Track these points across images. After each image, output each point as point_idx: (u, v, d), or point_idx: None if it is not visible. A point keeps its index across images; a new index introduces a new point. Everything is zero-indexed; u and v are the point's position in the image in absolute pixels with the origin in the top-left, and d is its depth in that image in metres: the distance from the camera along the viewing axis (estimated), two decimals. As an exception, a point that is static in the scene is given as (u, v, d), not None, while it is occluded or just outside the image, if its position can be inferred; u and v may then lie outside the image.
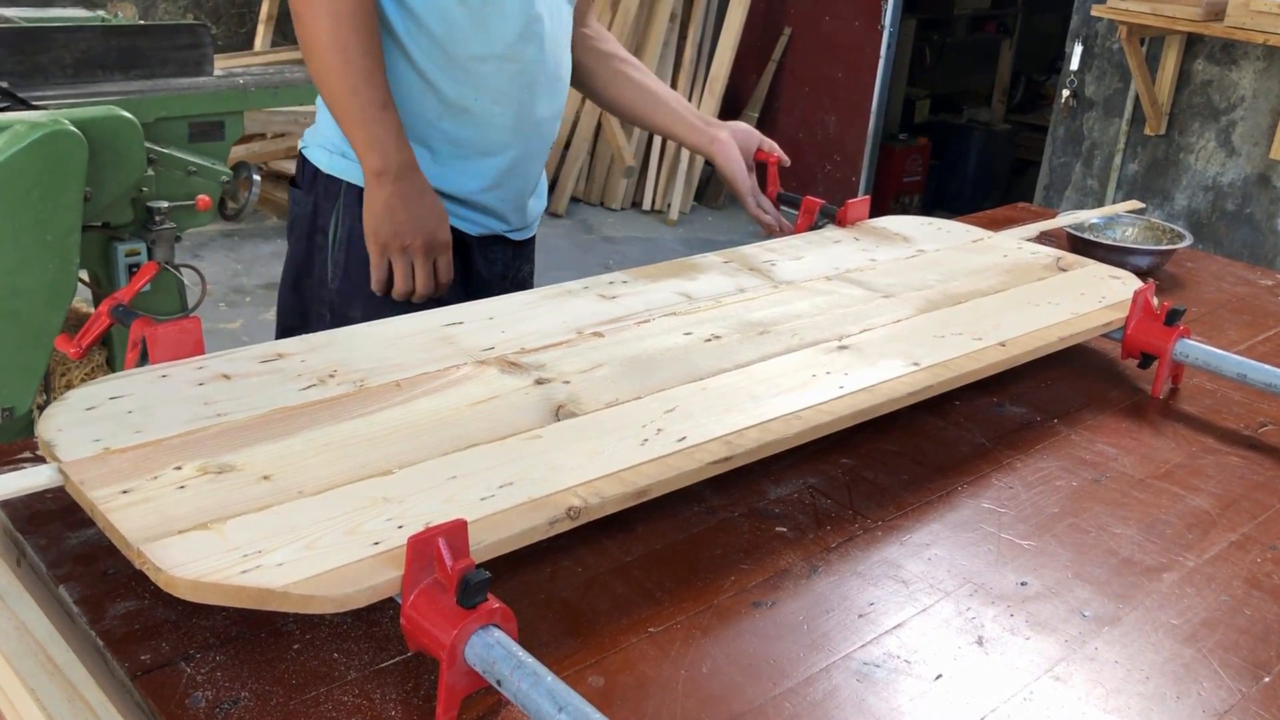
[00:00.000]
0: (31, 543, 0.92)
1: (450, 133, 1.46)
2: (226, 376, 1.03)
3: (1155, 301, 1.37)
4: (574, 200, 5.83)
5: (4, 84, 2.42)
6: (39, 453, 0.92)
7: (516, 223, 1.59)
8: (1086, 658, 0.88)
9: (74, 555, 0.91)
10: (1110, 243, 1.81)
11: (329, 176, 1.50)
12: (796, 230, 1.67)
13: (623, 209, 5.85)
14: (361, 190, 1.42)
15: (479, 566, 0.75)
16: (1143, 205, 2.07)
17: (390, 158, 1.35)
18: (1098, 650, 0.89)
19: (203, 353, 1.07)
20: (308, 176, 1.54)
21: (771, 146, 1.72)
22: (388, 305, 1.41)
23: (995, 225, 1.82)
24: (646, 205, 5.87)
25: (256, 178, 2.67)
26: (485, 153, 1.49)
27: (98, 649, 0.81)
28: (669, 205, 5.80)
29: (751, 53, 6.00)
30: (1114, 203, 4.29)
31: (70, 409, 0.95)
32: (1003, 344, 1.26)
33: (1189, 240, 1.82)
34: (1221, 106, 4.13)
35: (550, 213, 5.48)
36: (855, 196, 1.73)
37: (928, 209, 5.99)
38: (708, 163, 1.94)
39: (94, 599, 0.86)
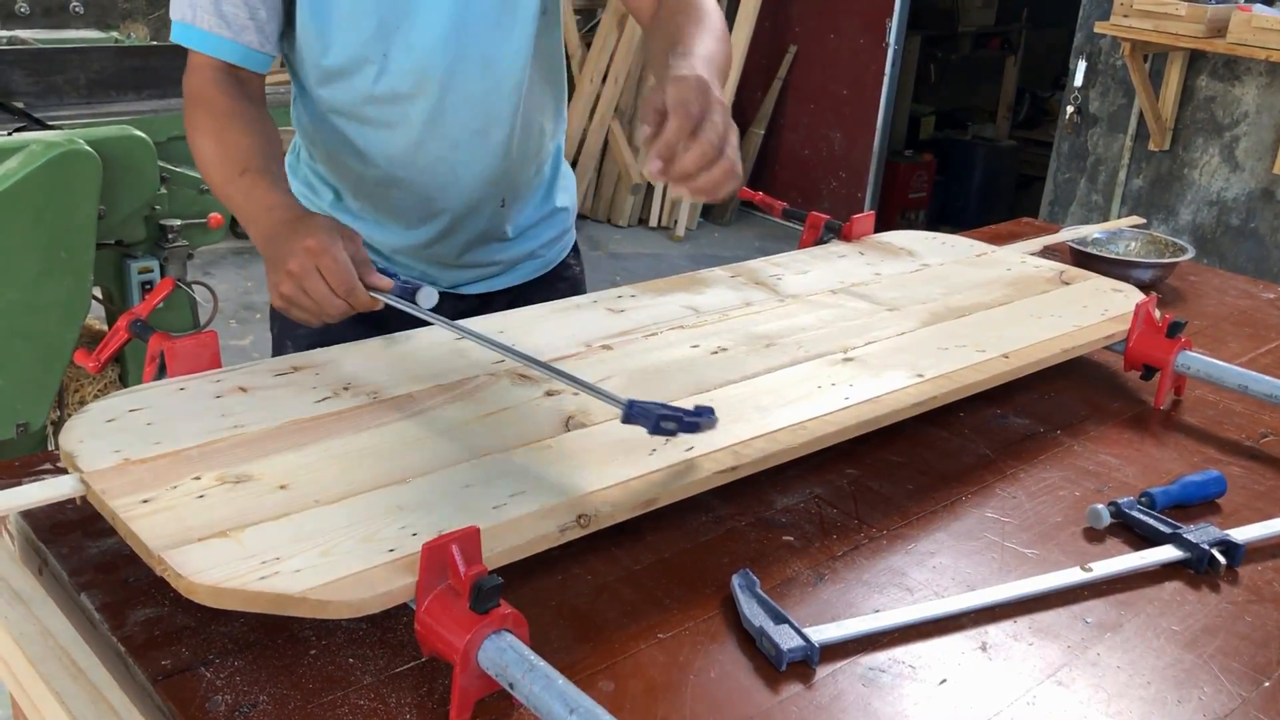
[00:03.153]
0: (53, 551, 0.94)
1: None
2: (243, 389, 1.06)
3: (1157, 314, 1.38)
4: (580, 217, 5.83)
5: (20, 104, 2.46)
6: (60, 464, 0.94)
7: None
8: (1089, 663, 0.89)
9: (95, 563, 0.92)
10: (1113, 256, 1.83)
11: None
12: (802, 245, 1.69)
13: (629, 226, 5.89)
14: None
15: (491, 573, 0.77)
16: (1144, 220, 2.09)
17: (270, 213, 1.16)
18: (1100, 656, 0.90)
19: (220, 366, 1.10)
20: None
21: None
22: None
23: (999, 240, 1.84)
24: (653, 222, 5.91)
25: (268, 195, 2.69)
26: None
27: (119, 654, 0.83)
28: (675, 221, 5.83)
29: (757, 70, 6.04)
30: (1118, 218, 4.30)
31: (91, 421, 0.98)
32: (1006, 356, 1.27)
33: (1190, 253, 1.84)
34: (1225, 122, 4.15)
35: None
36: (861, 212, 1.75)
37: (933, 224, 6.00)
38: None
39: (115, 606, 0.87)
